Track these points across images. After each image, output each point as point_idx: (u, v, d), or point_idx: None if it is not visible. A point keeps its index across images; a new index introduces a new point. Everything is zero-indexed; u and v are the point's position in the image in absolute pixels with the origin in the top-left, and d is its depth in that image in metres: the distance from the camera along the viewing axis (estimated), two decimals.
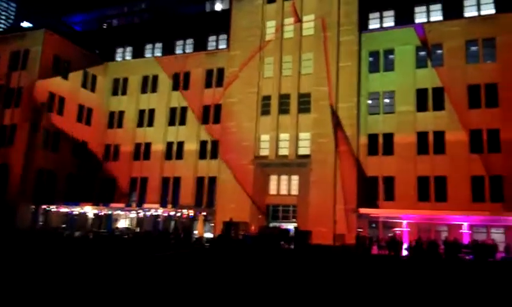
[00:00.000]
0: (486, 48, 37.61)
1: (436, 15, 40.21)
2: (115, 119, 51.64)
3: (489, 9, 38.39)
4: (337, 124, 38.76)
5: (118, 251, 27.63)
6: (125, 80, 52.12)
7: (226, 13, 47.66)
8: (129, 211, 45.06)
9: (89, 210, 44.81)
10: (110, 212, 44.68)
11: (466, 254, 30.14)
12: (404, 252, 32.18)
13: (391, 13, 41.92)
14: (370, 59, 41.17)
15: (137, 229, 44.47)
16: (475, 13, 38.73)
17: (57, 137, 46.88)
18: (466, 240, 31.77)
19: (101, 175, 50.02)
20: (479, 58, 37.72)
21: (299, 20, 42.61)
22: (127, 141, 49.92)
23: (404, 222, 34.42)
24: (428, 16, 40.51)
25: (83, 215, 45.83)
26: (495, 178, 34.87)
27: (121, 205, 44.56)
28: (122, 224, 46.45)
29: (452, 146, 36.75)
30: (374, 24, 42.22)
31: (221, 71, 46.73)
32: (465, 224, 32.99)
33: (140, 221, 45.27)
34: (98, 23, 59.75)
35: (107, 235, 41.85)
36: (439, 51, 39.10)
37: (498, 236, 33.10)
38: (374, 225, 37.09)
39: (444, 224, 35.26)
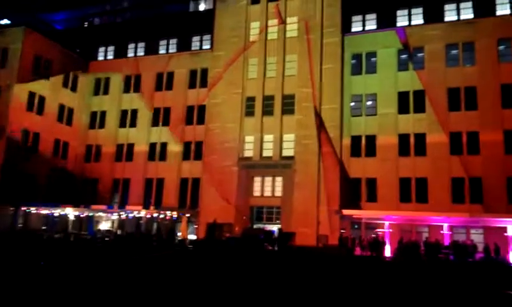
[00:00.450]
0: (465, 52, 38.38)
1: (418, 19, 40.84)
2: (97, 120, 50.92)
3: (468, 14, 39.21)
4: (321, 125, 39.03)
5: (98, 253, 27.27)
6: (107, 79, 51.47)
7: (210, 14, 47.48)
8: (111, 213, 44.49)
9: (70, 212, 44.05)
10: (91, 214, 44.03)
11: (447, 255, 30.73)
12: (387, 253, 32.62)
13: (373, 16, 42.41)
14: (353, 61, 41.58)
15: (119, 232, 43.94)
16: (455, 18, 39.51)
17: (37, 137, 45.92)
18: (446, 241, 32.34)
19: (82, 176, 49.28)
20: (459, 62, 38.47)
21: (283, 22, 42.78)
22: (109, 142, 49.30)
23: (386, 223, 34.86)
24: (410, 19, 41.13)
25: (64, 217, 45.02)
26: (474, 179, 35.62)
27: (103, 207, 43.94)
28: (104, 226, 45.82)
29: (432, 148, 37.39)
30: (356, 27, 42.66)
31: (204, 72, 46.54)
32: (445, 225, 33.59)
33: (122, 223, 44.73)
34: (80, 21, 58.72)
35: (89, 237, 41.23)
36: (420, 54, 39.73)
37: (477, 237, 33.83)
38: (356, 226, 37.48)
39: (425, 225, 35.86)
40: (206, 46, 47.98)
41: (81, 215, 44.67)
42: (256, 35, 43.67)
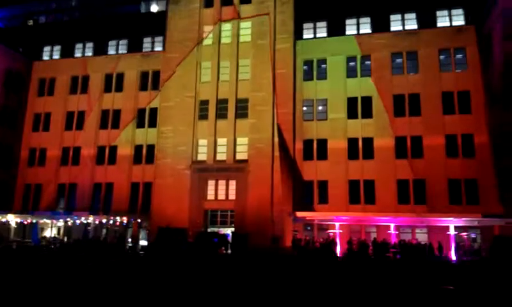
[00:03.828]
0: (409, 60, 40.50)
1: (365, 28, 42.58)
2: (41, 122, 48.53)
3: (412, 25, 41.42)
4: (274, 129, 39.53)
5: (41, 262, 25.94)
6: (52, 80, 49.27)
7: (162, 15, 46.77)
8: (56, 219, 42.48)
9: (12, 219, 41.56)
10: (35, 221, 41.78)
11: (394, 254, 32.12)
12: (338, 253, 33.56)
13: (324, 24, 43.72)
14: (305, 67, 42.62)
15: (66, 239, 42.04)
16: (400, 28, 41.58)
17: None
18: (393, 241, 33.75)
19: (25, 181, 46.73)
20: (403, 70, 40.50)
21: (238, 16, 42.65)
22: (54, 145, 47.13)
23: (337, 224, 35.87)
24: (358, 28, 42.79)
25: (5, 225, 42.36)
26: (418, 181, 37.54)
27: (48, 213, 41.86)
28: (49, 233, 43.61)
29: (379, 151, 39.03)
30: (308, 34, 43.78)
31: (156, 74, 45.75)
32: (392, 225, 35.09)
33: (69, 230, 42.81)
34: (23, 19, 55.78)
35: (33, 245, 39.08)
36: (367, 62, 41.41)
37: (422, 236, 35.64)
38: (309, 227, 38.28)
39: (373, 225, 37.27)
40: (158, 48, 47.25)
41: (24, 222, 42.22)
42: (209, 38, 43.56)
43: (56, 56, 50.84)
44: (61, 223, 43.35)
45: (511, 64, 32.85)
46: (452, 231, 32.79)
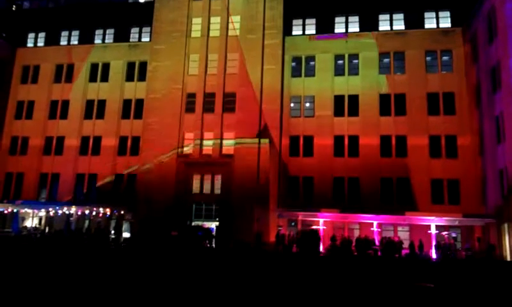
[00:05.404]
0: (396, 61, 40.89)
1: (354, 27, 42.78)
2: (24, 110, 47.60)
3: (400, 25, 41.78)
4: (261, 125, 39.53)
5: (20, 252, 25.54)
6: (37, 68, 48.35)
7: (150, 5, 46.13)
8: (38, 209, 41.80)
9: None
10: (16, 210, 41.02)
11: (376, 251, 32.51)
12: (321, 250, 33.80)
13: (313, 21, 43.80)
14: (293, 64, 42.70)
15: (47, 229, 41.40)
16: (388, 28, 41.91)
17: None
18: (376, 238, 34.17)
19: (6, 170, 45.83)
20: (390, 70, 40.88)
21: (227, 10, 42.43)
22: (37, 134, 46.33)
23: (321, 220, 36.11)
24: (347, 27, 42.97)
25: None
26: (401, 180, 38.04)
27: (29, 203, 41.15)
28: (31, 223, 42.90)
29: (364, 149, 39.40)
30: (297, 31, 43.85)
31: (143, 65, 45.27)
32: (375, 222, 35.48)
33: (50, 220, 42.15)
34: (7, 4, 54.44)
35: (13, 234, 38.39)
36: (355, 61, 41.68)
37: (403, 234, 36.16)
38: (293, 223, 38.49)
39: (356, 223, 37.64)
40: (145, 38, 46.72)
41: (5, 211, 41.43)
42: (198, 31, 43.22)
43: (41, 43, 49.86)
44: (42, 213, 42.64)
45: (493, 67, 33.44)
46: (433, 230, 33.34)
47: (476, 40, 37.12)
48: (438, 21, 41.04)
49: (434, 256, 31.86)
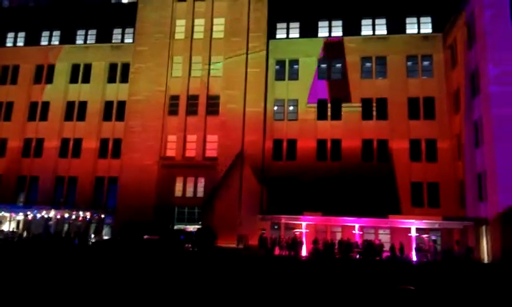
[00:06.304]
0: (378, 65, 41.36)
1: (337, 31, 43.12)
2: (2, 111, 46.59)
3: (382, 30, 42.28)
4: (244, 128, 39.49)
5: None
6: (16, 68, 47.39)
7: (133, 6, 45.83)
8: (16, 213, 40.85)
9: None
10: None
11: (357, 254, 32.76)
12: (303, 253, 33.91)
13: (297, 24, 43.98)
14: (277, 67, 42.80)
15: (25, 233, 40.51)
16: (371, 32, 42.36)
17: None
18: (358, 241, 34.40)
19: None
20: (372, 74, 41.32)
21: (211, 12, 42.31)
22: (16, 136, 45.42)
23: (304, 223, 36.20)
24: (330, 31, 43.28)
25: None
26: (383, 183, 38.39)
27: (6, 206, 40.20)
28: (7, 227, 41.89)
29: (347, 153, 39.68)
30: (281, 34, 43.92)
31: (126, 67, 44.81)
32: (357, 225, 35.73)
33: (29, 224, 41.27)
34: None
35: None
36: (338, 65, 42.01)
37: (385, 237, 36.50)
38: (276, 226, 38.47)
39: (339, 226, 37.81)
40: (128, 40, 46.23)
41: None
42: (181, 33, 43.04)
43: (20, 43, 48.91)
44: (20, 217, 41.73)
45: (472, 73, 34.13)
46: (413, 233, 33.73)
47: (456, 46, 37.83)
48: (419, 27, 41.64)
49: (414, 258, 32.23)
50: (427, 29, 41.53)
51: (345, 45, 41.86)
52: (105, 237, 39.43)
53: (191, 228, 37.46)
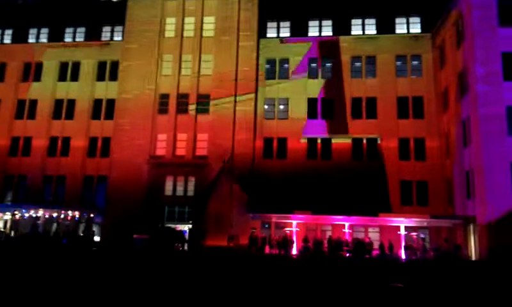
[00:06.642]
0: (368, 64, 41.59)
1: (327, 31, 43.25)
2: None
3: (372, 30, 42.53)
4: (235, 126, 39.46)
5: None
6: (3, 65, 46.72)
7: (122, 4, 45.43)
8: (3, 212, 40.29)
9: None
10: None
11: (347, 252, 32.96)
12: (294, 251, 34.01)
13: (287, 24, 44.03)
14: (267, 66, 42.80)
15: (12, 233, 39.95)
16: (361, 32, 42.57)
17: None
18: (348, 239, 34.60)
19: None
20: (362, 73, 41.55)
21: (201, 10, 42.13)
22: (3, 134, 44.80)
23: (294, 222, 36.30)
24: (320, 30, 43.39)
25: None
26: (372, 182, 38.65)
27: None
28: None
29: (337, 152, 39.87)
30: (271, 33, 43.93)
31: (115, 65, 44.43)
32: (347, 224, 35.94)
33: (16, 224, 40.72)
34: None
35: None
36: (328, 64, 42.16)
37: (374, 235, 36.76)
38: (267, 225, 38.50)
39: (328, 224, 38.01)
40: (117, 37, 45.84)
41: None
42: (171, 31, 42.83)
43: (7, 40, 48.22)
44: (7, 216, 41.12)
45: (460, 72, 34.50)
46: (402, 231, 34.03)
47: (444, 46, 38.22)
48: (408, 26, 41.95)
49: (403, 256, 32.53)
50: (416, 29, 41.87)
51: (336, 44, 42.00)
52: (95, 237, 39.06)
53: (181, 227, 37.33)
